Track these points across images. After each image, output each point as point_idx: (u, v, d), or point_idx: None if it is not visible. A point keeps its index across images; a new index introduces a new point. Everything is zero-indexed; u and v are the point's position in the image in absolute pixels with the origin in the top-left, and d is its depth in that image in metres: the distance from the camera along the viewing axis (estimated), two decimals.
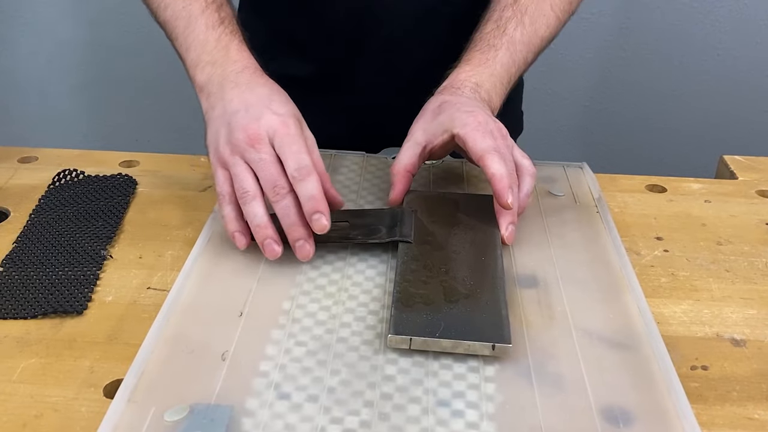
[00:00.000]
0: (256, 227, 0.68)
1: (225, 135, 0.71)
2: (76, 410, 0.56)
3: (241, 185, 0.69)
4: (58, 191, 0.85)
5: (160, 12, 0.81)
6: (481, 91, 0.79)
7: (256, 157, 0.69)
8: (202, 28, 0.78)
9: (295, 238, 0.69)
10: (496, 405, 0.55)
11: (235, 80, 0.74)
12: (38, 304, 0.67)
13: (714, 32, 1.82)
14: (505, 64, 0.82)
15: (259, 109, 0.71)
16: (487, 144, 0.71)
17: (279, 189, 0.68)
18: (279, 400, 0.55)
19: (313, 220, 0.67)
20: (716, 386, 0.60)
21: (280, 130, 0.70)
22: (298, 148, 0.69)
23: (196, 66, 0.77)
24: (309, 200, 0.67)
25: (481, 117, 0.73)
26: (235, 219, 0.70)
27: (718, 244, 0.79)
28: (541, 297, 0.67)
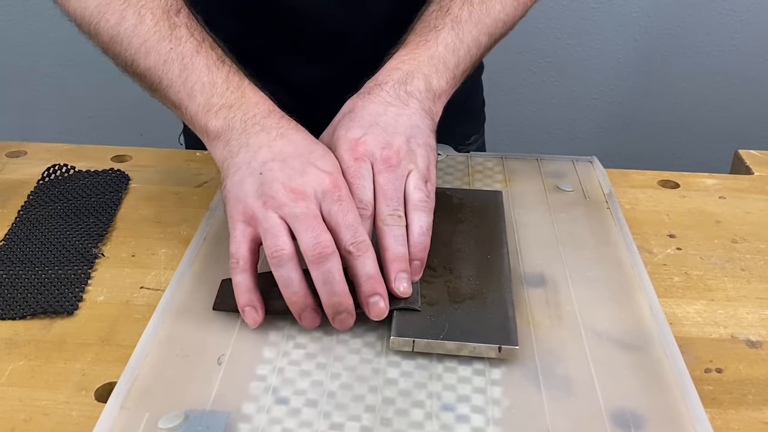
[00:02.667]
0: (293, 294, 0.60)
1: (255, 185, 0.63)
2: (67, 414, 0.56)
3: (275, 242, 0.60)
4: (48, 187, 0.85)
5: (139, 59, 0.71)
6: (411, 83, 0.72)
7: (298, 210, 0.60)
8: (203, 70, 0.69)
9: (338, 310, 0.60)
10: (503, 409, 0.55)
11: (262, 124, 0.67)
12: (27, 304, 0.67)
13: (730, 22, 1.81)
14: (450, 45, 0.75)
15: (300, 163, 0.64)
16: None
17: (323, 248, 0.59)
18: (277, 404, 0.55)
19: (371, 304, 0.61)
20: (731, 389, 0.60)
21: (330, 191, 0.62)
22: (354, 217, 0.61)
23: (207, 112, 0.69)
24: (368, 280, 0.60)
25: (369, 137, 0.67)
26: (249, 290, 0.62)
27: (733, 242, 0.79)
28: (549, 297, 0.67)
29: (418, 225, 0.65)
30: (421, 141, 0.69)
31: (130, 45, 0.72)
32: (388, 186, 0.65)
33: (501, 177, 0.87)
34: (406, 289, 0.62)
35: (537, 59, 1.89)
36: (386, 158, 0.66)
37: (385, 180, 0.65)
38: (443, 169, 0.88)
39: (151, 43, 0.71)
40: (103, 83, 1.96)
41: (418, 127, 0.70)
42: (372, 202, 0.65)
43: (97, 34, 0.75)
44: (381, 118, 0.69)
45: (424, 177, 0.67)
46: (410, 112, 0.70)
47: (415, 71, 0.73)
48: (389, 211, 0.64)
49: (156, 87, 0.72)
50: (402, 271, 0.62)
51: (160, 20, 0.71)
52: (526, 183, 0.85)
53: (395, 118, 0.69)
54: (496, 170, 0.88)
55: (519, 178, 0.86)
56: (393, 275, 0.62)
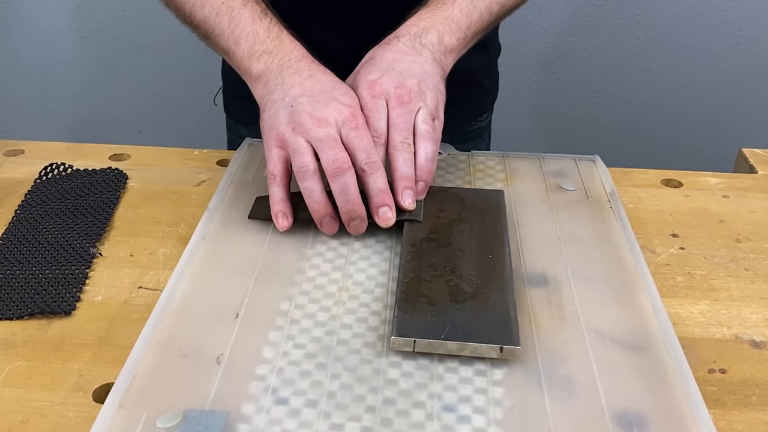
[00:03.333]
0: (315, 203, 0.72)
1: (286, 116, 0.74)
2: (64, 415, 0.56)
3: (301, 160, 0.71)
4: (45, 186, 0.85)
5: (196, 11, 0.83)
6: (425, 37, 0.82)
7: (321, 133, 0.71)
8: (248, 21, 0.81)
9: (352, 217, 0.72)
10: (504, 410, 0.55)
11: (296, 67, 0.78)
12: (24, 304, 0.67)
13: (733, 18, 1.81)
14: (464, 9, 0.85)
15: (325, 97, 0.74)
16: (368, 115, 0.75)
17: (341, 164, 0.70)
18: (276, 405, 0.55)
19: (380, 213, 0.72)
20: (735, 390, 0.60)
21: (349, 120, 0.73)
22: (369, 142, 0.72)
23: (251, 56, 0.80)
24: (378, 193, 0.72)
25: (385, 79, 0.77)
26: (282, 200, 0.74)
27: (736, 241, 0.79)
28: (551, 296, 0.67)
29: (424, 152, 0.75)
30: (431, 84, 0.78)
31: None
32: (400, 119, 0.75)
33: (503, 176, 0.87)
34: (411, 204, 0.73)
35: (539, 57, 1.89)
36: (399, 96, 0.76)
37: (397, 114, 0.75)
38: (444, 168, 0.88)
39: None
40: (101, 81, 1.97)
41: (429, 73, 0.79)
42: (385, 132, 0.75)
43: None
44: (397, 64, 0.79)
45: (432, 114, 0.77)
46: (423, 60, 0.80)
47: (431, 27, 0.83)
48: (400, 139, 0.75)
49: (209, 35, 0.84)
50: (408, 188, 0.74)
51: None
52: (527, 182, 0.85)
53: (409, 64, 0.79)
54: (497, 169, 0.88)
55: (521, 177, 0.86)
56: (400, 191, 0.73)
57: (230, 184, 0.83)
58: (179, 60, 1.87)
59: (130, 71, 1.93)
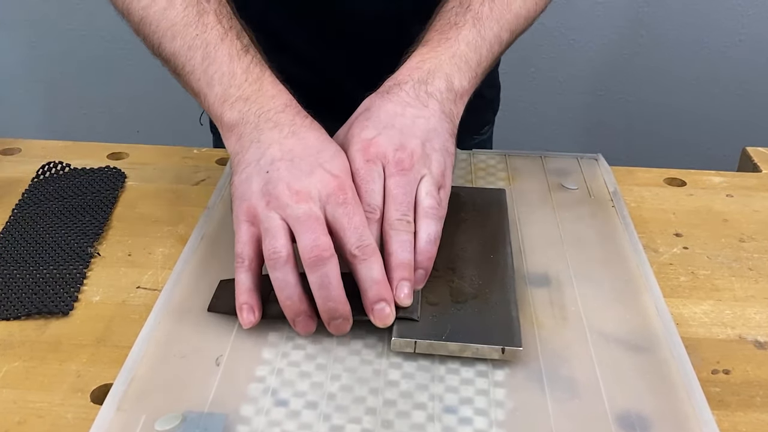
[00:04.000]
0: (287, 299, 0.60)
1: (260, 184, 0.63)
2: (62, 417, 0.56)
3: (273, 244, 0.60)
4: (43, 185, 0.85)
5: (165, 43, 0.72)
6: (432, 84, 0.71)
7: (300, 211, 0.60)
8: (225, 59, 0.70)
9: (333, 316, 0.60)
10: (506, 411, 0.55)
11: (276, 120, 0.67)
12: (21, 304, 0.67)
13: (736, 16, 1.81)
14: (472, 43, 0.74)
15: (308, 164, 0.63)
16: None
17: (321, 251, 0.59)
18: (276, 406, 0.55)
19: (376, 310, 0.60)
20: (739, 391, 0.60)
21: (335, 194, 0.62)
22: (361, 220, 0.61)
23: (223, 102, 0.69)
24: (373, 285, 0.60)
25: (382, 138, 0.67)
26: (249, 290, 0.62)
27: (740, 240, 0.79)
28: (553, 297, 0.67)
29: (426, 233, 0.64)
30: (437, 145, 0.68)
31: (158, 28, 0.73)
32: (399, 190, 0.64)
33: (504, 175, 0.87)
34: (407, 298, 0.61)
35: (541, 55, 1.89)
36: (399, 161, 0.65)
37: (395, 184, 0.65)
38: None
39: (177, 28, 0.72)
40: (98, 79, 1.97)
41: (435, 131, 0.69)
42: (380, 206, 0.64)
43: (129, 14, 0.76)
44: (397, 119, 0.68)
45: (438, 183, 0.67)
46: (429, 114, 0.69)
47: (437, 70, 0.72)
48: (398, 216, 0.63)
49: (179, 72, 0.72)
50: (405, 279, 0.61)
51: (189, 5, 0.72)
52: (529, 181, 0.85)
53: (412, 119, 0.68)
54: (499, 168, 0.88)
55: (522, 176, 0.86)
56: (395, 282, 0.61)
57: (229, 183, 0.83)
58: None
59: (128, 69, 1.93)
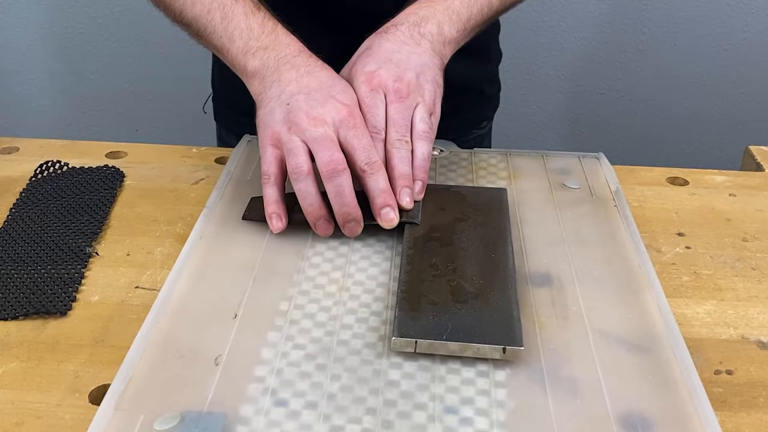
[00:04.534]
0: (309, 206, 0.71)
1: (282, 114, 0.73)
2: (60, 417, 0.56)
3: (295, 160, 0.71)
4: (41, 184, 0.85)
5: (186, 9, 0.82)
6: (425, 27, 0.81)
7: (317, 133, 0.71)
8: (241, 17, 0.80)
9: (347, 219, 0.71)
10: (507, 412, 0.55)
11: (293, 62, 0.77)
12: (19, 304, 0.67)
13: (740, 14, 1.81)
14: (465, 1, 0.84)
15: (322, 95, 0.74)
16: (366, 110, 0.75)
17: (336, 165, 0.70)
18: (275, 407, 0.55)
19: (383, 214, 0.72)
20: (742, 392, 0.60)
21: (347, 120, 0.72)
22: (368, 141, 0.72)
23: (246, 53, 0.79)
24: (380, 194, 0.71)
25: (383, 71, 0.76)
26: (275, 201, 0.73)
27: (743, 240, 0.79)
28: (554, 296, 0.67)
29: (420, 152, 0.75)
30: (429, 77, 0.78)
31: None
32: (398, 115, 0.75)
33: (505, 174, 0.87)
34: (409, 203, 0.73)
35: (543, 53, 1.89)
36: (397, 90, 0.76)
37: (395, 110, 0.75)
38: (446, 166, 0.88)
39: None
40: (96, 77, 1.97)
41: (427, 65, 0.79)
42: (384, 128, 0.75)
43: None
44: (395, 55, 0.78)
45: (429, 110, 0.77)
46: (421, 50, 0.80)
47: (430, 17, 0.82)
48: (398, 137, 0.74)
49: (201, 33, 0.83)
50: (406, 186, 0.73)
51: None
52: (531, 180, 0.85)
53: (407, 55, 0.78)
54: (500, 167, 0.88)
55: (524, 175, 0.86)
56: (398, 190, 0.73)
57: (228, 181, 0.83)
58: (177, 56, 1.87)
59: (126, 67, 1.93)
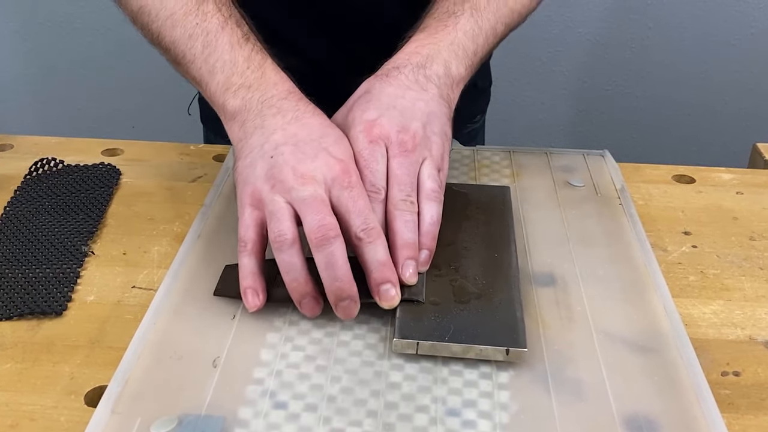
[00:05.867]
0: (293, 281, 0.62)
1: (265, 169, 0.65)
2: (55, 419, 0.56)
3: (278, 227, 0.62)
4: (36, 182, 0.85)
5: (165, 32, 0.74)
6: (430, 68, 0.73)
7: (305, 193, 0.62)
8: (226, 47, 0.72)
9: (341, 297, 0.61)
10: (511, 414, 0.55)
11: (279, 106, 0.69)
12: (14, 304, 0.67)
13: (747, 9, 1.81)
14: (469, 32, 0.77)
15: (312, 148, 0.66)
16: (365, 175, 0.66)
17: (327, 230, 0.61)
18: (275, 409, 0.55)
19: (382, 291, 0.62)
20: (749, 393, 0.60)
21: (340, 178, 0.64)
22: (365, 203, 0.63)
23: (226, 90, 0.71)
24: (379, 267, 0.62)
25: (385, 120, 0.69)
26: (253, 274, 0.64)
27: (751, 239, 0.79)
28: (558, 296, 0.67)
29: (429, 215, 0.66)
30: (437, 128, 0.71)
31: (158, 17, 0.75)
32: (402, 171, 0.67)
33: (509, 172, 0.87)
34: (412, 276, 0.63)
35: (547, 48, 1.89)
36: (402, 142, 0.68)
37: (399, 165, 0.67)
38: (449, 163, 0.88)
39: (177, 17, 0.74)
40: (92, 73, 1.97)
41: (434, 114, 0.71)
42: (384, 187, 0.66)
43: (127, 3, 0.78)
44: (398, 102, 0.70)
45: (438, 166, 0.69)
46: (428, 97, 0.72)
47: (435, 56, 0.74)
48: (402, 197, 0.66)
49: (180, 61, 0.75)
50: (410, 258, 0.64)
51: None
52: (534, 178, 0.85)
53: (413, 102, 0.71)
54: (503, 164, 0.88)
55: (527, 172, 0.86)
56: (401, 261, 0.63)
57: (227, 179, 0.83)
58: None
59: (123, 63, 1.93)
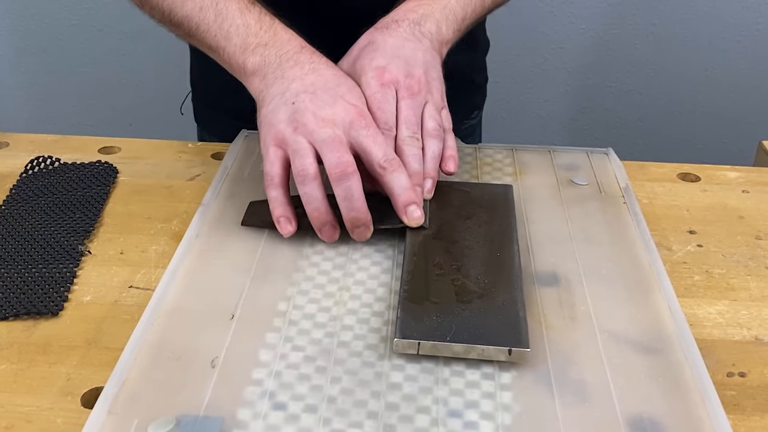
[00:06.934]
0: (314, 210, 0.70)
1: (287, 113, 0.72)
2: (52, 421, 0.56)
3: (302, 162, 0.70)
4: (32, 180, 0.85)
5: (176, 9, 0.80)
6: (425, 25, 0.81)
7: (325, 134, 0.70)
8: (236, 13, 0.79)
9: (357, 224, 0.70)
10: (513, 416, 0.55)
11: (296, 59, 0.76)
12: (9, 304, 0.67)
13: (753, 5, 1.81)
14: (461, 0, 0.85)
15: (330, 95, 0.73)
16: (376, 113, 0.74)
17: (345, 167, 0.69)
18: (274, 410, 0.55)
19: (409, 212, 0.71)
20: (755, 395, 0.60)
21: (357, 120, 0.71)
22: (383, 139, 0.71)
23: (244, 50, 0.77)
24: (405, 191, 0.70)
25: (393, 66, 0.77)
26: (283, 203, 0.72)
27: (757, 238, 0.79)
28: (562, 296, 0.67)
29: (431, 150, 0.75)
30: (434, 74, 0.79)
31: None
32: (410, 112, 0.75)
33: (511, 170, 0.86)
34: (419, 199, 0.72)
35: (550, 45, 1.89)
36: (409, 86, 0.76)
37: (406, 106, 0.75)
38: None
39: None
40: (89, 70, 1.97)
41: (431, 63, 0.80)
42: (395, 125, 0.75)
43: None
44: (401, 51, 0.78)
45: (439, 107, 0.78)
46: (424, 48, 0.80)
47: (429, 16, 0.83)
48: (409, 133, 0.74)
49: (193, 33, 0.81)
50: (417, 185, 0.73)
51: None
52: (537, 176, 0.85)
53: (413, 51, 0.79)
54: (506, 163, 0.88)
55: (530, 171, 0.86)
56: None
57: (225, 178, 0.83)
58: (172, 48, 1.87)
59: (120, 60, 1.93)
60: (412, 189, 0.71)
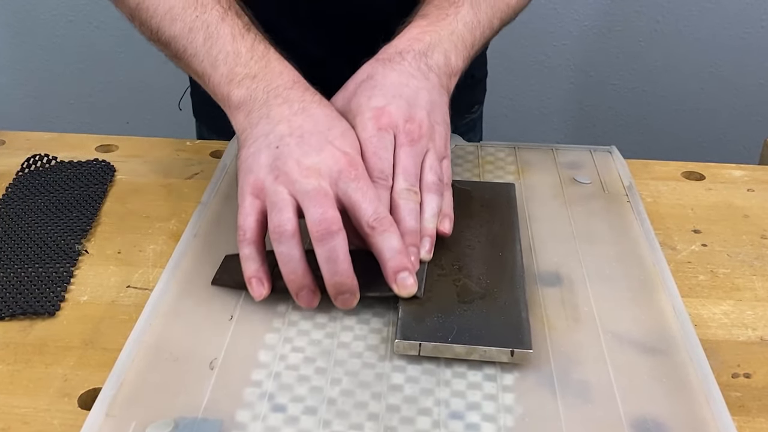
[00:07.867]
0: (291, 273, 0.62)
1: (269, 159, 0.66)
2: (48, 423, 0.56)
3: (279, 218, 0.63)
4: (28, 179, 0.85)
5: (164, 27, 0.74)
6: (432, 57, 0.75)
7: (309, 186, 0.63)
8: (228, 39, 0.72)
9: (341, 290, 0.62)
10: (516, 417, 0.55)
11: (285, 96, 0.70)
12: (5, 304, 0.67)
13: (758, 1, 1.81)
14: (468, 23, 0.78)
15: (318, 140, 0.66)
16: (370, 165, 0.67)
17: (329, 224, 0.61)
18: (273, 412, 0.55)
19: (399, 280, 0.63)
20: (760, 396, 0.60)
21: (346, 171, 0.64)
22: (375, 194, 0.64)
23: (230, 81, 0.71)
24: (395, 255, 0.63)
25: (393, 108, 0.70)
26: (256, 262, 0.65)
27: (762, 237, 0.79)
28: (565, 296, 0.67)
29: (430, 206, 0.68)
30: (439, 118, 0.73)
31: (156, 12, 0.75)
32: (409, 161, 0.68)
33: (513, 168, 0.86)
34: (414, 264, 0.65)
35: (552, 42, 1.89)
36: (409, 132, 0.69)
37: (405, 154, 0.68)
38: (452, 160, 0.88)
39: (176, 11, 0.74)
40: (86, 68, 1.97)
41: (436, 103, 0.73)
42: (391, 175, 0.68)
43: (124, 1, 0.78)
44: (404, 90, 0.72)
45: (440, 156, 0.71)
46: (430, 86, 0.73)
47: (437, 45, 0.76)
48: (406, 186, 0.67)
49: (180, 55, 0.75)
50: (413, 245, 0.65)
51: None
52: (540, 175, 0.85)
53: (416, 91, 0.72)
54: (508, 161, 0.88)
55: (533, 169, 0.86)
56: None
57: (224, 176, 0.83)
58: None
59: (117, 57, 1.93)
60: (404, 253, 0.63)
